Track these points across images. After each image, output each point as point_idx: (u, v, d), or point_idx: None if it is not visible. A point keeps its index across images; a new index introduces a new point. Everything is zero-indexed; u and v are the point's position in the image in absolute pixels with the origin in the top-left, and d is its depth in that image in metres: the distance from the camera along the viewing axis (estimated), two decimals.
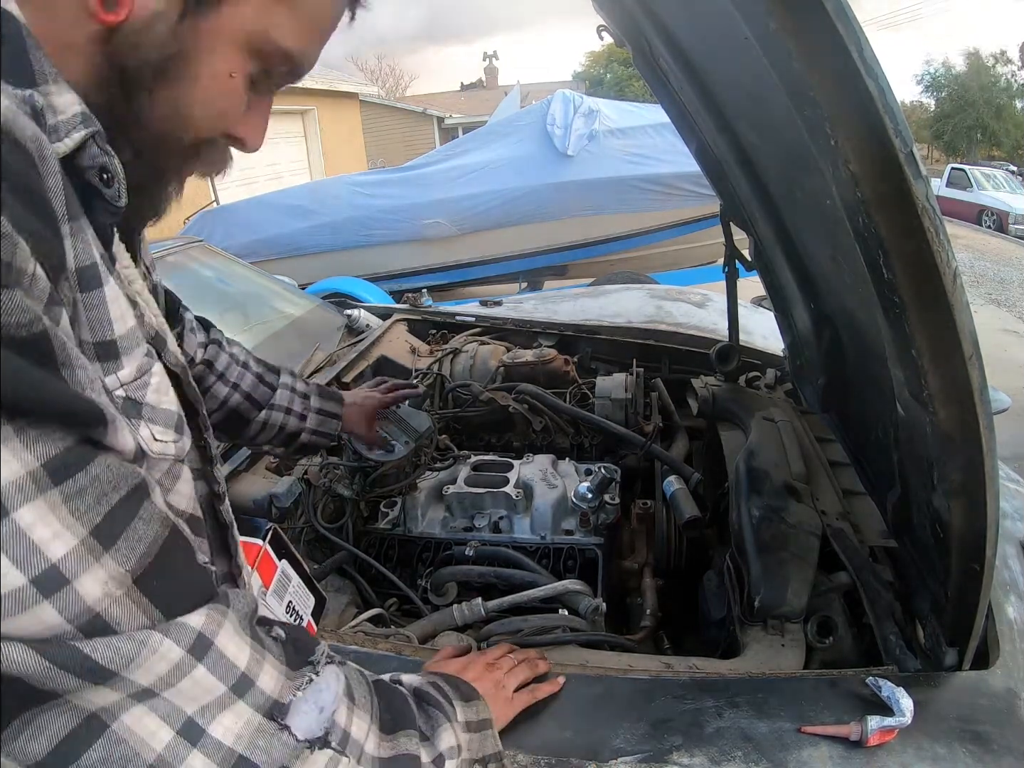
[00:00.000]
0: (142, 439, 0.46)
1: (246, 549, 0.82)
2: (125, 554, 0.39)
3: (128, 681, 0.40)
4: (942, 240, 0.53)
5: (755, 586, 0.98)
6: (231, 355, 1.01)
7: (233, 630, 0.45)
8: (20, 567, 0.35)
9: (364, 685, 0.55)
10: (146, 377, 0.47)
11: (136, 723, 0.40)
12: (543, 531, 1.26)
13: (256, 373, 1.04)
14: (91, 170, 0.43)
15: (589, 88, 27.12)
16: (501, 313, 2.26)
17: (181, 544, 0.44)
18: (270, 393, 1.05)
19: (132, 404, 0.46)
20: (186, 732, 0.42)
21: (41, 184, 0.38)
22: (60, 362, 0.37)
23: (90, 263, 0.42)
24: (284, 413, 1.07)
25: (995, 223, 12.30)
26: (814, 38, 0.53)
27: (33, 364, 0.35)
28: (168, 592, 0.42)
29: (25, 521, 0.35)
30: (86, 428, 0.38)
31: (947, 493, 0.69)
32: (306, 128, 11.85)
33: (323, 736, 0.48)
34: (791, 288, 1.21)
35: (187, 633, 0.42)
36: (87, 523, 0.37)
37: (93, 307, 0.43)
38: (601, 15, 1.22)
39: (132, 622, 0.40)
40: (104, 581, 0.38)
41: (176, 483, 0.51)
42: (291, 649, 0.51)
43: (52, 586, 0.36)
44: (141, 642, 0.39)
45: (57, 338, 0.37)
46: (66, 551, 0.36)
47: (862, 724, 0.71)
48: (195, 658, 0.42)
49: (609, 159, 5.43)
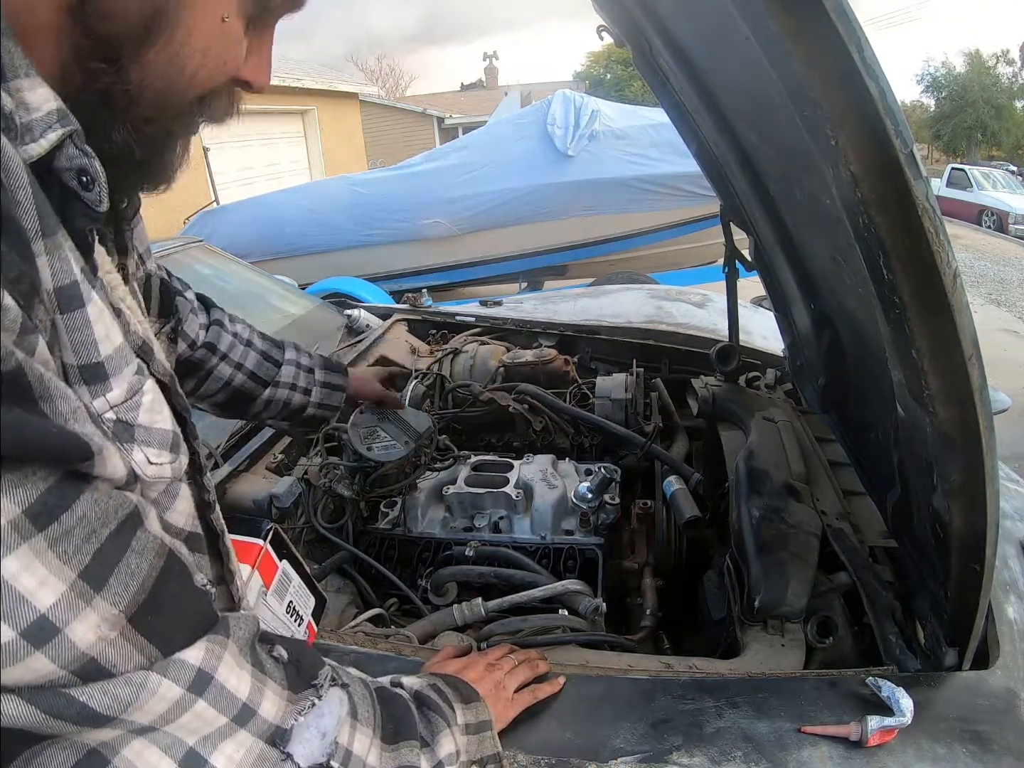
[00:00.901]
0: (136, 463, 0.44)
1: (247, 549, 0.82)
2: (118, 593, 0.38)
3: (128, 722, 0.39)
4: (942, 240, 0.53)
5: (755, 586, 0.98)
6: (234, 334, 0.98)
7: (233, 660, 0.44)
8: (8, 621, 0.34)
9: (368, 699, 0.55)
10: (137, 397, 0.44)
11: (137, 756, 0.40)
12: (543, 531, 1.26)
13: (260, 351, 1.02)
14: (68, 172, 0.40)
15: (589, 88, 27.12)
16: (501, 313, 2.26)
17: (177, 571, 0.43)
18: (275, 370, 1.02)
19: (124, 427, 0.43)
20: (187, 763, 0.41)
21: (8, 200, 0.35)
22: (38, 396, 0.35)
23: (69, 282, 0.39)
24: (289, 389, 1.04)
25: (995, 223, 12.29)
26: (814, 39, 0.53)
27: (9, 404, 0.33)
28: (165, 627, 0.41)
29: (9, 572, 0.33)
30: (71, 463, 0.37)
31: (947, 493, 0.69)
32: (306, 128, 11.85)
33: (325, 762, 0.47)
34: (791, 288, 1.21)
35: (186, 670, 0.41)
36: (76, 565, 0.36)
37: (76, 329, 0.40)
38: (601, 15, 1.22)
39: (128, 663, 0.39)
40: (97, 625, 0.37)
41: (174, 502, 0.49)
42: (293, 671, 0.50)
43: (43, 636, 0.35)
44: (139, 685, 0.39)
45: (33, 371, 0.34)
46: (55, 599, 0.35)
47: (862, 724, 0.71)
48: (195, 694, 0.41)
49: (609, 159, 5.42)
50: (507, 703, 0.74)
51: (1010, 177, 14.11)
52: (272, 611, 0.83)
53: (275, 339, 1.06)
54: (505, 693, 0.75)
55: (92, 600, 0.37)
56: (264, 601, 0.82)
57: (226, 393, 0.98)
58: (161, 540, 0.42)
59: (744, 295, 1.75)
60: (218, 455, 1.35)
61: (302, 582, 0.91)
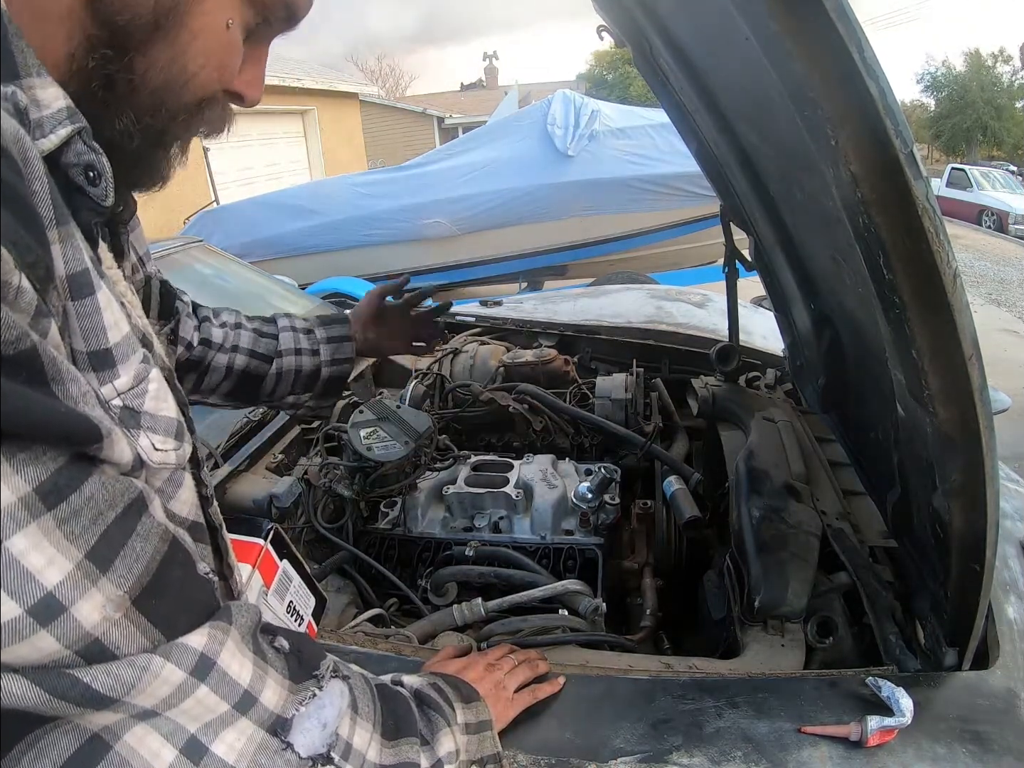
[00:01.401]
0: (141, 449, 0.44)
1: (248, 549, 0.83)
2: (123, 575, 0.38)
3: (130, 705, 0.39)
4: (942, 240, 0.53)
5: (755, 586, 0.98)
6: (222, 324, 0.97)
7: (235, 647, 0.44)
8: (16, 597, 0.34)
9: (368, 693, 0.55)
10: (144, 384, 0.45)
11: (139, 743, 0.40)
12: (543, 531, 1.26)
13: (252, 328, 0.99)
14: (75, 167, 0.41)
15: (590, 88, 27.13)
16: (501, 313, 2.26)
17: (180, 558, 0.43)
18: (274, 342, 0.99)
19: (130, 414, 0.44)
20: (189, 751, 0.42)
21: (25, 189, 0.36)
22: (50, 378, 0.36)
23: (81, 269, 0.40)
24: (295, 355, 1.00)
25: (995, 223, 12.30)
26: (814, 39, 0.53)
27: (22, 383, 0.33)
28: (168, 611, 0.41)
29: (18, 549, 0.34)
30: (80, 445, 0.37)
31: (947, 493, 0.69)
32: (306, 128, 11.86)
33: (326, 753, 0.48)
34: (791, 288, 1.21)
35: (189, 655, 0.41)
36: (82, 546, 0.36)
37: (86, 315, 0.41)
38: (601, 15, 1.22)
39: (132, 645, 0.39)
40: (102, 605, 0.37)
41: (178, 490, 0.50)
42: (295, 661, 0.50)
43: (49, 614, 0.35)
44: (142, 667, 0.39)
45: (46, 353, 0.35)
46: (62, 577, 0.36)
47: (862, 724, 0.71)
48: (197, 679, 0.42)
49: (609, 159, 5.43)
50: (507, 703, 0.74)
51: (1010, 177, 14.12)
52: (273, 611, 0.83)
53: (264, 316, 1.03)
54: (505, 693, 0.75)
55: (98, 580, 0.37)
56: (265, 601, 0.82)
57: (231, 380, 0.96)
58: (165, 527, 0.42)
59: (744, 295, 1.75)
60: (218, 455, 1.35)
61: (302, 582, 0.91)
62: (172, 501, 0.49)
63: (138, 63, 0.45)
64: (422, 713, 0.60)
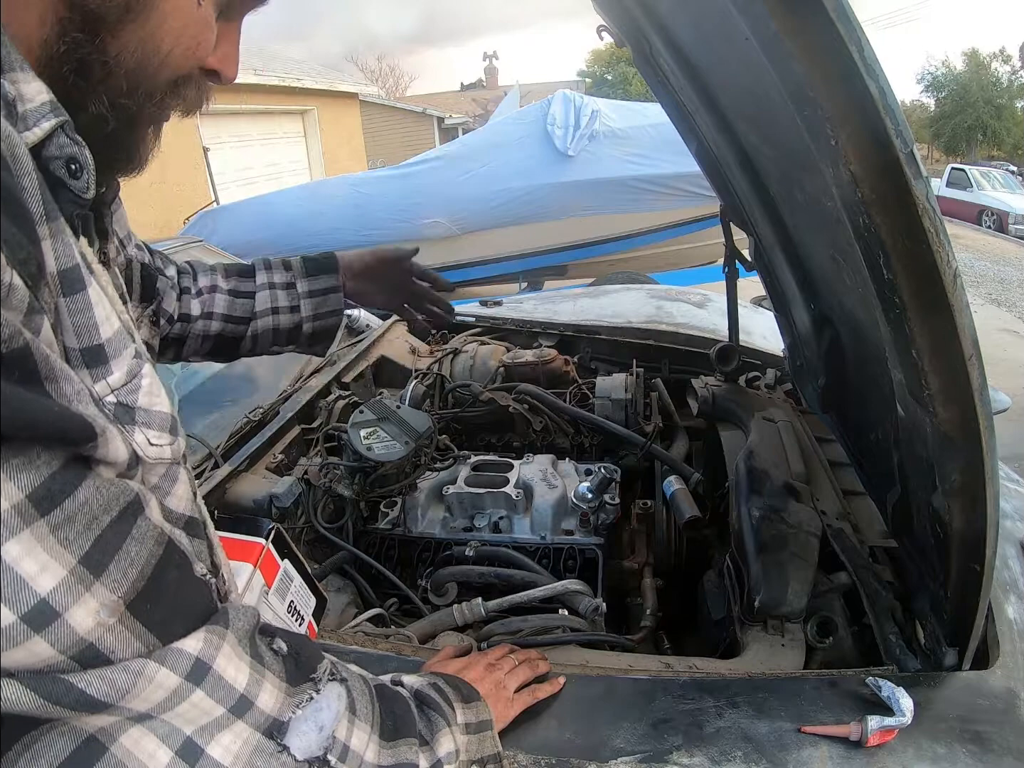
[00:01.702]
0: (137, 445, 0.44)
1: (249, 548, 0.83)
2: (117, 580, 0.38)
3: (125, 709, 0.39)
4: (942, 240, 0.53)
5: (755, 586, 0.98)
6: (198, 292, 0.95)
7: (231, 651, 0.44)
8: (9, 604, 0.34)
9: (367, 695, 0.55)
10: (137, 380, 0.45)
11: (135, 745, 0.40)
12: (543, 531, 1.26)
13: (227, 290, 0.96)
14: (57, 160, 0.41)
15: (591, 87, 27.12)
16: (501, 313, 2.26)
17: (176, 560, 0.43)
18: (250, 303, 0.97)
19: (125, 410, 0.44)
20: (184, 753, 0.41)
21: (14, 185, 0.35)
22: (44, 376, 0.35)
23: (72, 265, 0.40)
24: (271, 315, 0.98)
25: (995, 223, 12.30)
26: (814, 39, 0.53)
27: (16, 383, 0.33)
28: (164, 615, 0.41)
29: (11, 556, 0.34)
30: (75, 445, 0.37)
31: (947, 493, 0.69)
32: (306, 128, 11.85)
33: (322, 755, 0.47)
34: (791, 288, 1.21)
35: (184, 659, 0.41)
36: (76, 551, 0.36)
37: (78, 312, 0.41)
38: (601, 15, 1.22)
39: (127, 650, 0.39)
40: (96, 611, 0.37)
41: (174, 486, 0.50)
42: (292, 664, 0.50)
43: (43, 621, 0.35)
44: (137, 672, 0.39)
45: (39, 351, 0.35)
46: (55, 583, 0.35)
47: (862, 724, 0.71)
48: (192, 683, 0.41)
49: (609, 159, 5.43)
50: (507, 703, 0.74)
51: (1010, 177, 14.12)
52: (274, 610, 0.83)
53: (244, 265, 1.00)
54: (505, 693, 0.75)
55: (91, 586, 0.37)
56: (266, 600, 0.82)
57: (209, 343, 0.97)
58: (161, 529, 0.42)
59: (744, 295, 1.75)
60: (218, 455, 1.35)
61: (303, 582, 0.91)
62: (168, 498, 0.49)
63: (111, 45, 0.45)
64: (421, 713, 0.60)
